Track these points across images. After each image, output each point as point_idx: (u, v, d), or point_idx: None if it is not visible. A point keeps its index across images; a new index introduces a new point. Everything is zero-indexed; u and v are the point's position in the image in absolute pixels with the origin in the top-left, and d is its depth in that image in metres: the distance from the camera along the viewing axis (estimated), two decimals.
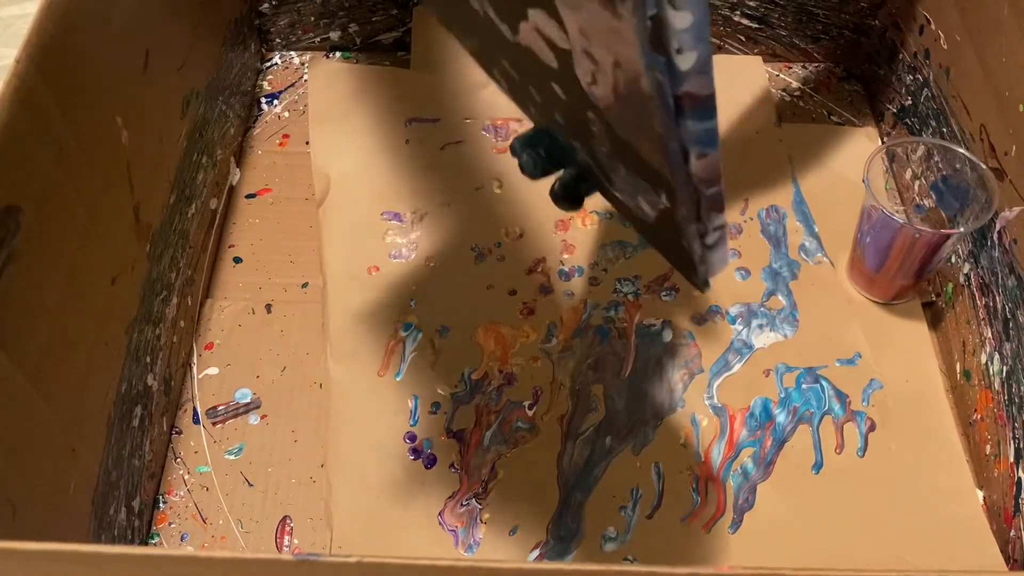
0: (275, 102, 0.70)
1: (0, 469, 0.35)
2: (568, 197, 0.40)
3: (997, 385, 0.51)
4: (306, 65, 0.72)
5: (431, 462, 0.52)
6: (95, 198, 0.42)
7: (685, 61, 0.24)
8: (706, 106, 0.26)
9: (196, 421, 0.54)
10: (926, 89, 0.62)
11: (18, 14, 0.60)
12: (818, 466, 0.53)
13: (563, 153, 0.40)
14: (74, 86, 0.40)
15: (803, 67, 0.74)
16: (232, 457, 0.52)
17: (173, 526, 0.50)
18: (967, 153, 0.55)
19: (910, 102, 0.65)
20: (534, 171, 0.40)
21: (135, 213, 0.47)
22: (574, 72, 0.31)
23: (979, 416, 0.53)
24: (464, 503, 0.51)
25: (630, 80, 0.27)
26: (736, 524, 0.51)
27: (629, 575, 0.25)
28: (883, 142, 0.68)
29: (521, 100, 0.41)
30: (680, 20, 0.24)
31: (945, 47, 0.60)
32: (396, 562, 0.26)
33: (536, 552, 0.50)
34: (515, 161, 0.43)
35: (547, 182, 0.41)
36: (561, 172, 0.40)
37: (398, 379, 0.55)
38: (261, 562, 0.26)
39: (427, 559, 0.26)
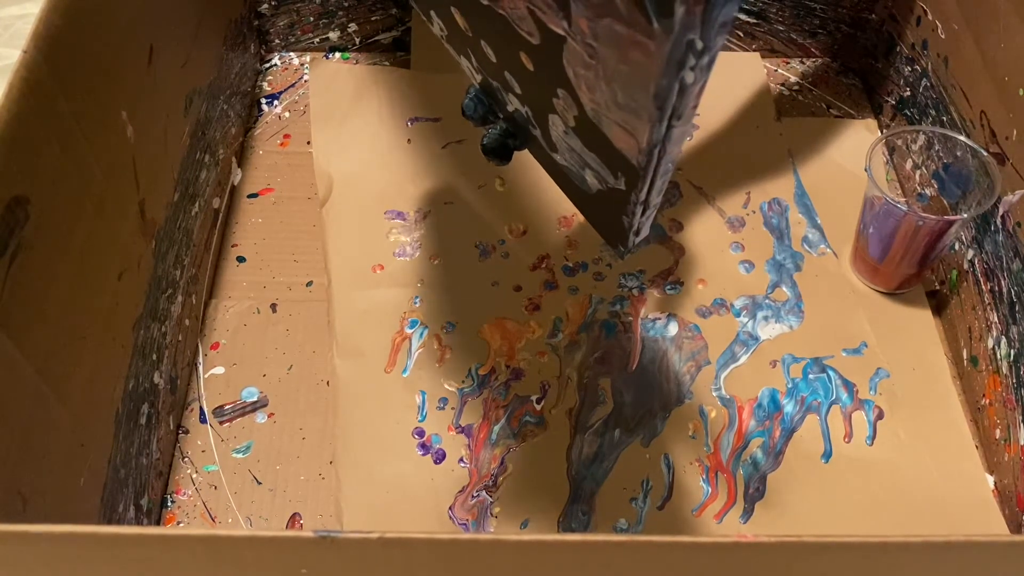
0: (275, 103, 0.70)
1: (11, 461, 0.35)
2: (496, 151, 0.42)
3: (1005, 369, 0.51)
4: (306, 66, 0.72)
5: (440, 457, 0.52)
6: (101, 192, 0.42)
7: (692, 79, 0.27)
8: (692, 114, 0.29)
9: (203, 420, 0.53)
10: (924, 79, 0.62)
11: (18, 14, 0.59)
12: (827, 455, 0.53)
13: (500, 108, 0.42)
14: (80, 77, 0.40)
15: (801, 62, 0.74)
16: (240, 455, 0.52)
17: (182, 525, 0.49)
18: (967, 140, 0.55)
19: (908, 93, 0.65)
20: (474, 114, 0.42)
21: (140, 209, 0.47)
22: (559, 54, 0.32)
23: (987, 401, 0.53)
24: (475, 495, 0.51)
25: (631, 83, 0.29)
26: (747, 514, 0.51)
27: (653, 545, 0.25)
28: (883, 133, 0.68)
29: (461, 48, 0.42)
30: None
31: (943, 36, 0.60)
32: (418, 537, 0.26)
33: None
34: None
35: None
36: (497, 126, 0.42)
37: (405, 375, 0.55)
38: (281, 540, 0.26)
39: (448, 534, 0.26)
